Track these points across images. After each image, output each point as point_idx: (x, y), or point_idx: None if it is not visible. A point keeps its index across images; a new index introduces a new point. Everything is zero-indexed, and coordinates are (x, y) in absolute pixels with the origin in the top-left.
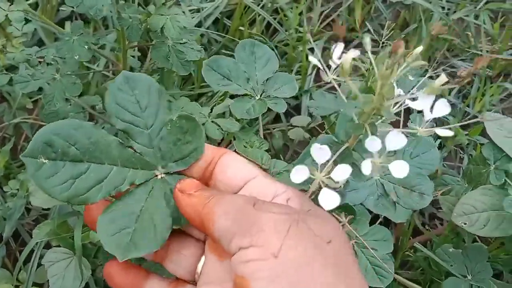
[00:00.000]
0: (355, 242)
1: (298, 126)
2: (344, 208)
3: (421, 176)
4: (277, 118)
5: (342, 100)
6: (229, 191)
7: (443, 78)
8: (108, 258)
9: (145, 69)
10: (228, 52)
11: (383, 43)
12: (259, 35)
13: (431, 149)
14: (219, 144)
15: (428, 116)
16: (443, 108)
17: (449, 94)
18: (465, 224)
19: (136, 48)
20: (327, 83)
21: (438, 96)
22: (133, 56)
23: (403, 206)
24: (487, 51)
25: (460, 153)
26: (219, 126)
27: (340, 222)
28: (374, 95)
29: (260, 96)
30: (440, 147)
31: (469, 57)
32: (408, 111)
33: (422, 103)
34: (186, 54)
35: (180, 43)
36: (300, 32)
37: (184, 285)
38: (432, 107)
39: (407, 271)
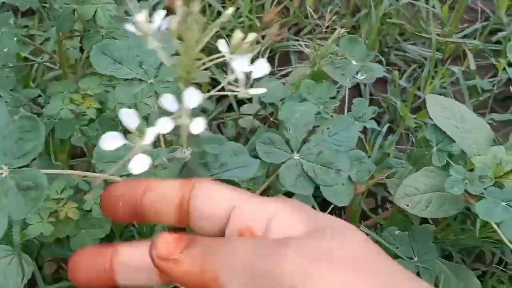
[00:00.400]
0: None
1: (249, 114)
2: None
3: (339, 153)
4: (230, 108)
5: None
6: (215, 230)
7: (251, 37)
8: (51, 253)
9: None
10: None
11: (327, 27)
12: (209, 22)
13: (349, 126)
14: None
15: (246, 75)
16: (262, 68)
17: (400, 78)
18: (407, 206)
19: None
20: (279, 70)
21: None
22: (74, 48)
23: (320, 184)
24: (438, 35)
25: (411, 137)
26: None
27: None
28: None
29: (154, 80)
30: (392, 131)
31: (420, 42)
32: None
33: (239, 64)
34: None
35: (114, 32)
36: (250, 19)
37: None
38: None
39: None
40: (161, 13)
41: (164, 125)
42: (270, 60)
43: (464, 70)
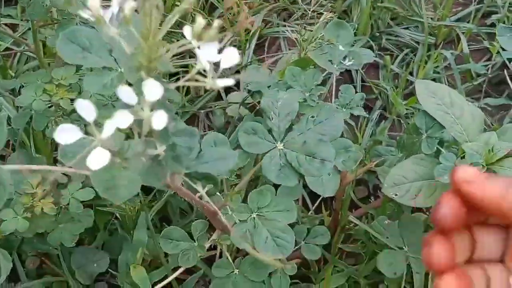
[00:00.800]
0: (257, 214)
1: (236, 103)
2: (204, 178)
3: (323, 142)
4: (219, 97)
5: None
6: None
7: (216, 24)
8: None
9: None
10: None
11: (318, 13)
12: (198, 10)
13: (334, 114)
14: None
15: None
16: (231, 57)
17: (393, 63)
18: (396, 195)
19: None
20: (269, 56)
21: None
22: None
23: (304, 174)
24: (431, 18)
25: (403, 124)
26: None
27: (198, 192)
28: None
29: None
30: (384, 118)
31: (413, 26)
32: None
33: (205, 52)
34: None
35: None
36: (238, 6)
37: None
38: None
39: (349, 244)
40: None
41: (122, 119)
42: (260, 46)
43: (457, 54)
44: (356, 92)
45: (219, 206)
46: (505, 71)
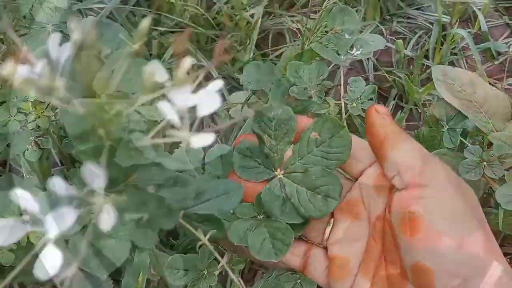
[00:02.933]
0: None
1: (239, 103)
2: (208, 223)
3: (327, 173)
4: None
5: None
6: None
7: (187, 62)
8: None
9: None
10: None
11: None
12: (195, 7)
13: (338, 131)
14: None
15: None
16: (210, 101)
17: (406, 48)
18: None
19: None
20: (273, 51)
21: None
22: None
23: (304, 214)
24: None
25: (421, 113)
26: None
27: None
28: None
29: None
30: (401, 108)
31: (425, 5)
32: None
33: (178, 99)
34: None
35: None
36: None
37: (315, 248)
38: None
39: None
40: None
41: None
42: (264, 40)
43: (475, 33)
44: (368, 83)
45: None
46: None
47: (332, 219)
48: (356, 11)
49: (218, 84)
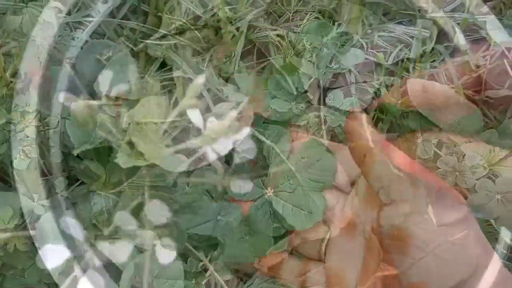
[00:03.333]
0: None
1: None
2: (206, 241)
3: (314, 193)
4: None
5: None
6: None
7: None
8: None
9: None
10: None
11: (294, 12)
12: (181, 20)
13: (325, 155)
14: None
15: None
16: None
17: (387, 61)
18: None
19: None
20: (258, 63)
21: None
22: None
23: (288, 228)
24: (424, 11)
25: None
26: None
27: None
28: None
29: None
30: (381, 120)
31: (406, 19)
32: None
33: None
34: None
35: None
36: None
37: (314, 262)
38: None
39: None
40: None
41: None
42: (250, 53)
43: (454, 46)
44: (350, 95)
45: None
46: (505, 60)
47: (328, 235)
48: (339, 25)
49: (246, 131)
